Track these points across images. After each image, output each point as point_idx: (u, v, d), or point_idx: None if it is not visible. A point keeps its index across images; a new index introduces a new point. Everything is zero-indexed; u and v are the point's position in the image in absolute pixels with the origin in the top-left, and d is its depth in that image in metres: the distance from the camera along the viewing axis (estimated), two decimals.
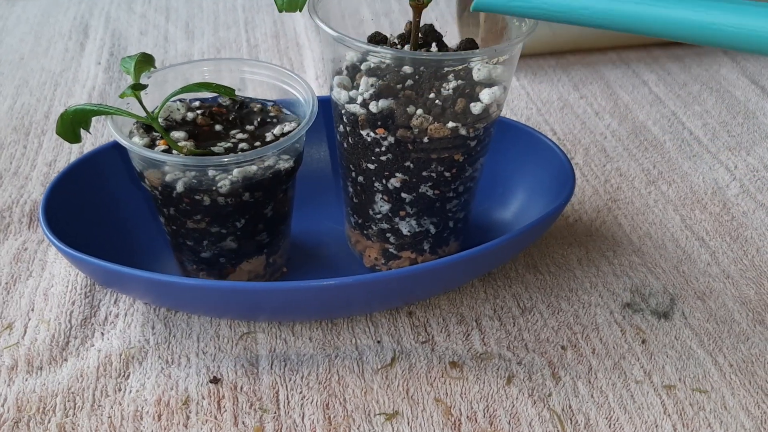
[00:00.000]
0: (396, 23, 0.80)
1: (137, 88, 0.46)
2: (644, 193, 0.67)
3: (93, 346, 0.51)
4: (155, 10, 0.98)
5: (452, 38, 0.55)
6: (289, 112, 0.54)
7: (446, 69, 0.48)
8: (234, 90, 0.48)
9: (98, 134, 0.73)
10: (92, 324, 0.53)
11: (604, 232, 0.62)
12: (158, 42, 0.90)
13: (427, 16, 0.57)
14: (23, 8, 0.99)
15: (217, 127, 0.51)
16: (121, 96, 0.47)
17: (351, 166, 0.53)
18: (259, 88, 0.56)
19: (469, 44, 0.53)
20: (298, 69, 0.85)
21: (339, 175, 0.57)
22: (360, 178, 0.53)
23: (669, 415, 0.47)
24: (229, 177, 0.48)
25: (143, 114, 0.48)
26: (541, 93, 0.82)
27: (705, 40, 0.37)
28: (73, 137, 0.49)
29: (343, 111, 0.50)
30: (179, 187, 0.48)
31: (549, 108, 0.79)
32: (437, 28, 0.53)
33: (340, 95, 0.50)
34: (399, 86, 0.48)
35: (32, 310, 0.54)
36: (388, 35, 0.53)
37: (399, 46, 0.52)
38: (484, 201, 0.60)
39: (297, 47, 0.90)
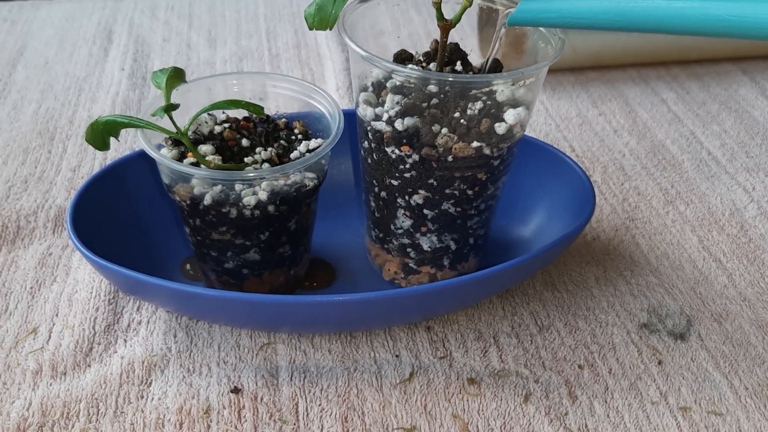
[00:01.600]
0: (415, 36, 0.81)
1: (170, 109, 0.47)
2: (662, 212, 0.68)
3: (116, 352, 0.52)
4: (178, 17, 0.99)
5: (470, 50, 0.56)
6: (314, 129, 0.54)
7: (472, 90, 0.49)
8: (263, 108, 0.49)
9: (122, 140, 0.74)
10: (115, 331, 0.53)
11: (622, 252, 0.63)
12: (181, 49, 0.91)
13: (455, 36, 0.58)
14: (48, 12, 1.00)
15: (244, 142, 0.52)
16: (153, 115, 0.48)
17: (374, 181, 0.54)
18: (281, 100, 0.56)
19: (495, 64, 0.53)
20: (318, 80, 0.86)
21: (361, 188, 0.58)
22: (383, 194, 0.53)
23: None
24: (256, 191, 0.49)
25: (173, 129, 0.49)
26: (560, 109, 0.82)
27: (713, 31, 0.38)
28: (103, 145, 0.50)
29: (368, 128, 0.51)
30: (207, 200, 0.48)
31: (568, 124, 0.80)
32: (457, 39, 0.54)
33: (366, 112, 0.51)
34: (424, 105, 0.49)
35: (56, 315, 0.54)
36: (414, 52, 0.54)
37: (425, 64, 0.53)
38: (504, 217, 0.61)
39: (318, 58, 0.91)
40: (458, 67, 0.53)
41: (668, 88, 0.87)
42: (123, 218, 0.57)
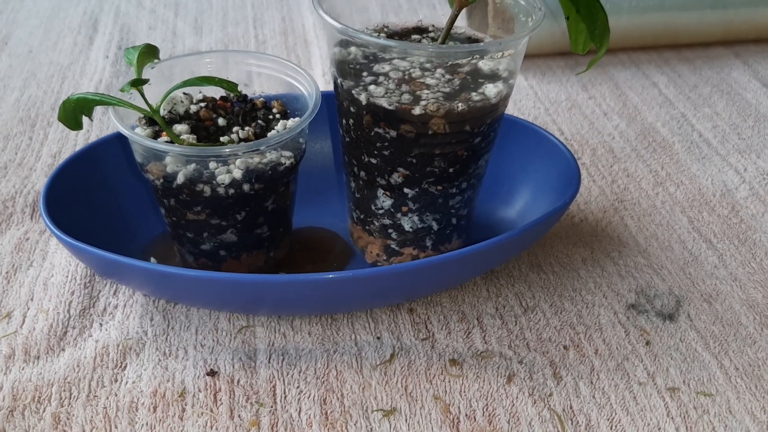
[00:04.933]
0: (400, 11, 0.80)
1: (138, 83, 0.46)
2: (651, 194, 0.66)
3: (91, 336, 0.51)
4: (164, 6, 0.98)
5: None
6: (292, 108, 0.53)
7: (451, 62, 0.48)
8: (237, 85, 0.48)
9: (103, 126, 0.73)
10: (91, 315, 0.52)
11: (610, 233, 0.62)
12: (167, 37, 0.90)
13: (435, 13, 0.57)
14: (34, 2, 0.99)
15: (220, 122, 0.51)
16: (122, 90, 0.46)
17: (353, 160, 0.53)
18: (263, 81, 0.55)
19: (474, 41, 0.52)
20: (305, 66, 0.85)
21: (342, 169, 0.57)
22: (362, 173, 0.52)
23: (672, 418, 0.47)
24: (230, 170, 0.48)
25: (146, 107, 0.48)
26: (549, 93, 0.81)
27: None
28: (75, 124, 0.49)
29: (345, 104, 0.50)
30: (180, 178, 0.47)
31: (557, 108, 0.79)
32: (444, 22, 0.53)
33: (343, 88, 0.49)
34: (404, 79, 0.48)
35: (31, 299, 0.53)
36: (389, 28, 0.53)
37: (418, 40, 0.52)
38: (489, 198, 0.59)
39: (305, 44, 0.90)
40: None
41: (659, 72, 0.86)
42: (99, 201, 0.56)
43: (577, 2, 0.49)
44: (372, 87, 0.48)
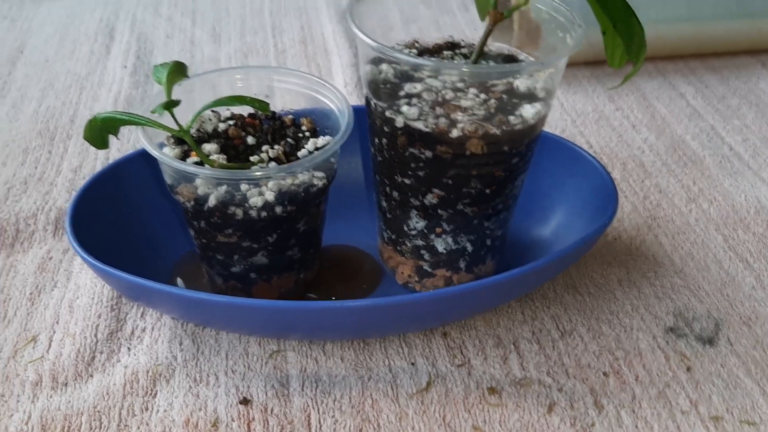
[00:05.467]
0: (426, 31, 0.79)
1: (170, 105, 0.45)
2: (685, 211, 0.65)
3: (119, 361, 0.49)
4: (181, 14, 0.97)
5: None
6: (321, 126, 0.52)
7: (489, 82, 0.46)
8: (268, 105, 0.47)
9: (124, 140, 0.71)
10: (118, 338, 0.51)
11: (645, 252, 0.60)
12: (185, 46, 0.89)
13: (457, 21, 0.56)
14: (48, 9, 0.98)
15: (249, 140, 0.50)
16: (153, 111, 0.45)
17: (386, 180, 0.51)
18: (288, 96, 0.54)
19: (509, 58, 0.51)
20: (326, 76, 0.84)
21: (371, 187, 0.55)
22: (395, 193, 0.51)
23: None
24: (262, 192, 0.46)
25: (175, 126, 0.46)
26: (575, 104, 0.80)
27: None
28: (101, 143, 0.48)
29: (377, 123, 0.49)
30: (212, 201, 0.46)
31: (584, 120, 0.77)
32: (468, 33, 0.52)
33: (376, 109, 0.48)
34: (440, 99, 0.46)
35: (57, 322, 0.52)
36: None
37: (450, 56, 0.51)
38: (522, 217, 0.58)
39: (325, 53, 0.88)
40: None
41: (686, 82, 0.85)
42: (125, 220, 0.55)
43: (614, 17, 0.48)
44: (406, 108, 0.46)
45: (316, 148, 0.49)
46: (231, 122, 0.51)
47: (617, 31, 0.48)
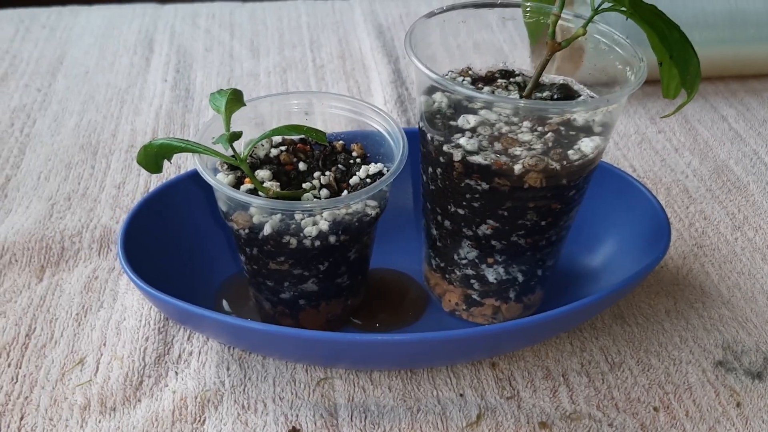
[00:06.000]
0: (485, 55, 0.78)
1: (233, 138, 0.45)
2: (731, 239, 0.64)
3: (167, 386, 0.49)
4: (219, 26, 0.97)
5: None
6: (372, 152, 0.52)
7: (548, 117, 0.46)
8: (325, 134, 0.46)
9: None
10: (166, 362, 0.51)
11: (692, 281, 0.60)
12: (224, 60, 0.89)
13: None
14: (87, 19, 0.98)
15: (301, 166, 0.50)
16: (215, 142, 0.45)
17: (438, 208, 0.51)
18: (336, 121, 0.54)
19: (564, 88, 0.50)
20: (365, 92, 0.83)
21: (419, 210, 0.55)
22: (446, 222, 0.51)
23: None
24: (316, 221, 0.46)
25: (229, 152, 0.46)
26: (618, 126, 0.79)
27: None
28: (155, 168, 0.48)
29: (434, 153, 0.48)
30: (267, 229, 0.46)
31: (627, 142, 0.77)
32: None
33: (434, 137, 0.48)
34: (497, 132, 0.46)
35: (104, 344, 0.52)
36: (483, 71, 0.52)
37: (504, 84, 0.50)
38: (570, 244, 0.57)
39: (363, 69, 0.88)
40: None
41: (727, 105, 0.84)
42: (173, 241, 0.55)
43: (670, 48, 0.48)
44: (463, 140, 0.46)
45: (368, 175, 0.49)
46: (282, 148, 0.51)
47: (673, 61, 0.48)
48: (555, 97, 0.50)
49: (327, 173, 0.49)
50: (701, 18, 0.82)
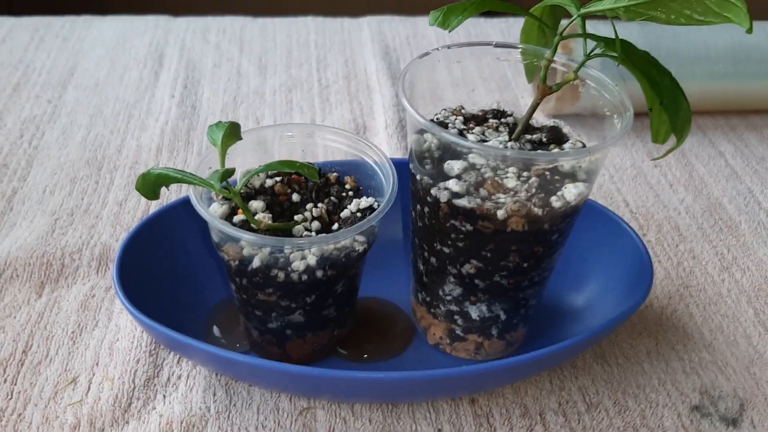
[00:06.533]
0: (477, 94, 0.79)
1: (226, 176, 0.46)
2: (717, 280, 0.65)
3: (154, 409, 0.51)
4: (229, 41, 0.99)
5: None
6: (365, 185, 0.53)
7: (533, 165, 0.47)
8: (318, 170, 0.48)
9: None
10: (155, 385, 0.53)
11: (675, 323, 0.61)
12: (231, 77, 0.91)
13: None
14: (99, 30, 1.00)
15: (294, 197, 0.51)
16: (209, 179, 0.47)
17: (425, 245, 0.52)
18: (332, 154, 0.55)
19: (553, 131, 0.52)
20: (367, 115, 0.85)
21: (409, 243, 0.56)
22: (432, 259, 0.52)
23: None
24: (305, 256, 0.48)
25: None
26: (614, 158, 0.80)
27: None
28: (152, 195, 0.49)
29: (422, 192, 0.50)
30: (256, 262, 0.47)
31: (622, 176, 0.78)
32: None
33: (422, 177, 0.49)
34: (480, 178, 0.47)
35: (97, 364, 0.54)
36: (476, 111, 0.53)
37: (495, 125, 0.52)
38: (555, 282, 0.59)
39: (367, 90, 0.89)
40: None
41: (726, 140, 0.85)
42: (166, 265, 0.56)
43: (661, 94, 0.49)
44: (451, 183, 0.47)
45: (359, 210, 0.50)
46: (278, 178, 0.53)
47: (663, 107, 0.49)
48: (544, 139, 0.51)
49: (320, 205, 0.51)
50: (704, 52, 0.83)
